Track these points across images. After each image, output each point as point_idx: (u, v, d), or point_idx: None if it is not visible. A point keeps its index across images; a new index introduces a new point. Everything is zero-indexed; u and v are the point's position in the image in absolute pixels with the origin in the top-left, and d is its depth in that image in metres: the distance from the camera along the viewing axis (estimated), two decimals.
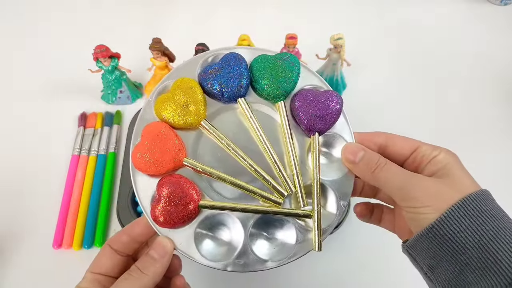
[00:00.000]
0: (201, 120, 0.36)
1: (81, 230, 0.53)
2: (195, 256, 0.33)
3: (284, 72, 0.36)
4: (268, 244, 0.35)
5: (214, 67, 0.36)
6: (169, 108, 0.35)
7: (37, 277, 0.51)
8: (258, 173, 0.35)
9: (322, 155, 0.37)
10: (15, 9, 0.80)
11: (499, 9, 0.81)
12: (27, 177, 0.59)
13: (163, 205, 0.33)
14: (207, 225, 0.35)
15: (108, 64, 0.59)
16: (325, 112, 0.36)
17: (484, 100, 0.68)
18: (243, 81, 0.36)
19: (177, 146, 0.34)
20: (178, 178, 0.34)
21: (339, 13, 0.80)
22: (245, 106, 0.36)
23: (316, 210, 0.34)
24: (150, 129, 0.35)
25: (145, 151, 0.34)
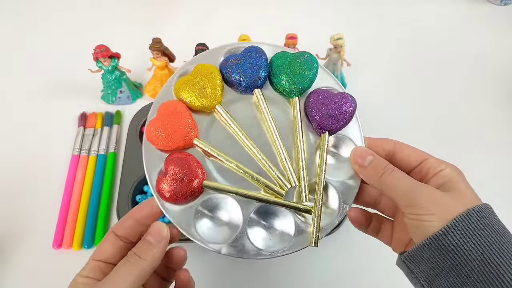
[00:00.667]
0: (217, 104, 0.37)
1: (81, 230, 0.53)
2: (193, 234, 0.34)
3: (302, 69, 0.37)
4: (265, 234, 0.35)
5: (236, 57, 0.38)
6: (187, 90, 0.36)
7: (37, 277, 0.51)
8: (265, 163, 0.36)
9: (330, 156, 0.37)
10: (15, 9, 0.80)
11: (499, 9, 0.81)
12: (27, 177, 0.59)
13: (169, 178, 0.34)
14: (208, 205, 0.35)
15: (108, 64, 0.59)
16: (338, 112, 0.36)
17: (484, 100, 0.68)
18: (261, 73, 0.37)
19: (190, 125, 0.36)
20: (186, 156, 0.35)
21: (339, 13, 0.80)
22: (261, 97, 0.37)
23: (317, 206, 0.35)
24: (166, 106, 0.36)
25: (159, 125, 0.35)
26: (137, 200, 0.55)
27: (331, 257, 0.53)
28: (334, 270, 0.52)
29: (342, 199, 0.36)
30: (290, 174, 0.36)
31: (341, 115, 0.36)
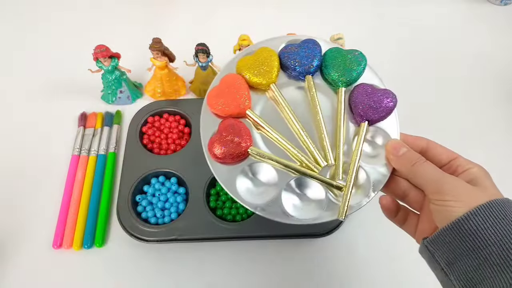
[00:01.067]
0: (271, 83, 0.42)
1: (81, 230, 0.53)
2: (233, 191, 0.38)
3: (352, 64, 0.42)
4: (298, 203, 0.39)
5: (294, 46, 0.43)
6: (248, 67, 0.42)
7: (37, 277, 0.51)
8: (306, 140, 0.40)
9: (366, 144, 0.40)
10: (15, 9, 0.80)
11: (499, 9, 0.81)
12: (27, 177, 0.59)
13: (220, 138, 0.38)
14: (251, 169, 0.39)
15: (108, 64, 0.59)
16: (379, 105, 0.40)
17: (484, 100, 0.68)
18: (315, 62, 0.42)
19: (246, 96, 0.41)
20: (238, 122, 0.40)
21: (339, 13, 0.80)
22: (311, 83, 0.42)
23: (349, 185, 0.38)
24: (228, 78, 0.42)
25: (219, 93, 0.41)
26: (137, 200, 0.55)
27: (331, 256, 0.53)
28: (333, 269, 0.52)
29: (372, 184, 0.39)
30: (328, 153, 0.39)
31: (382, 108, 0.40)
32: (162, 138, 0.61)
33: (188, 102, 0.64)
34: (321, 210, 0.38)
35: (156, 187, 0.56)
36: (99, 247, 0.53)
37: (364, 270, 0.52)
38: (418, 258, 0.54)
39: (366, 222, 0.56)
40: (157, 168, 0.57)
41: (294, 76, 0.43)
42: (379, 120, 0.41)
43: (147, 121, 0.62)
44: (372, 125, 0.41)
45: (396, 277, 0.52)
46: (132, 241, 0.52)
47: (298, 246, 0.54)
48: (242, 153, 0.39)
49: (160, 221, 0.54)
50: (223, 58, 0.61)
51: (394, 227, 0.56)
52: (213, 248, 0.53)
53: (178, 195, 0.56)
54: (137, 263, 0.53)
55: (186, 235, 0.52)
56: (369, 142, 0.41)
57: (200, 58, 0.59)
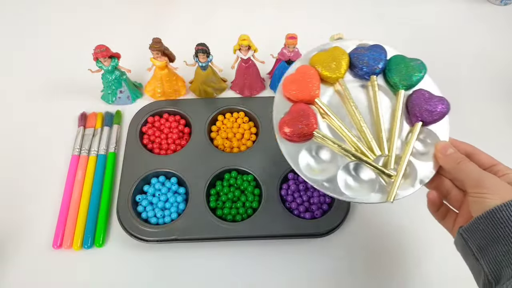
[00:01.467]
0: (339, 78, 0.47)
1: (81, 230, 0.53)
2: (296, 165, 0.44)
3: (413, 70, 0.47)
4: (351, 183, 0.44)
5: (364, 48, 0.48)
6: (320, 61, 0.47)
7: (38, 277, 0.51)
8: (365, 131, 0.44)
9: (418, 142, 0.45)
10: (15, 9, 0.80)
11: (499, 9, 0.81)
12: (27, 177, 0.59)
13: (290, 118, 0.44)
14: (314, 148, 0.45)
15: (108, 64, 0.59)
16: (434, 109, 0.45)
17: (484, 100, 0.68)
18: (380, 65, 0.47)
19: (316, 86, 0.46)
20: (308, 107, 0.45)
21: (339, 13, 0.80)
22: (375, 82, 0.47)
23: (399, 173, 0.43)
24: (303, 68, 0.47)
25: (294, 79, 0.46)
26: (137, 200, 0.55)
27: (331, 256, 0.53)
28: (333, 269, 0.52)
29: (419, 177, 0.43)
30: (383, 144, 0.44)
31: (436, 112, 0.45)
32: (162, 138, 0.61)
33: (188, 102, 0.64)
34: (371, 192, 0.43)
35: (156, 187, 0.56)
36: (99, 247, 0.53)
37: (364, 270, 0.52)
38: (418, 258, 0.55)
39: (366, 222, 0.56)
40: (157, 168, 0.57)
41: (360, 75, 0.48)
42: (432, 123, 0.45)
43: (147, 121, 0.62)
44: (424, 126, 0.45)
45: (396, 277, 0.52)
46: (132, 241, 0.52)
47: (298, 246, 0.54)
48: (308, 134, 0.44)
49: (160, 221, 0.54)
50: (223, 58, 0.62)
51: (394, 227, 0.56)
52: (213, 248, 0.54)
53: (178, 195, 0.56)
54: (137, 263, 0.53)
55: (186, 235, 0.52)
56: (421, 141, 0.45)
57: (200, 58, 0.59)
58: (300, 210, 0.54)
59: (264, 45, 0.60)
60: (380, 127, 0.45)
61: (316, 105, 0.46)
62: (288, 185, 0.56)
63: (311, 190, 0.56)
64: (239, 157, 0.58)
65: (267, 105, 0.63)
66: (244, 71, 0.63)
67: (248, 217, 0.53)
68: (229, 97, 0.66)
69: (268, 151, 0.58)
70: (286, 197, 0.55)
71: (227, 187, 0.56)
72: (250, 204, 0.55)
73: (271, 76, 0.66)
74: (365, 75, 0.48)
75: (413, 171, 0.44)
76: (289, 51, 0.60)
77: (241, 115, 0.63)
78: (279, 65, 0.63)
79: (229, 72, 0.64)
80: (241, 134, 0.61)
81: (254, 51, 0.60)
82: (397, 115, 0.46)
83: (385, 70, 0.48)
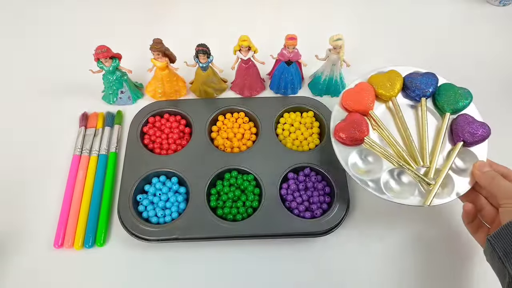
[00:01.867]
0: (392, 97, 0.55)
1: (82, 229, 0.54)
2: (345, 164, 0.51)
3: (460, 97, 0.54)
4: (394, 186, 0.51)
5: (418, 73, 0.56)
6: (377, 81, 0.56)
7: (39, 276, 0.52)
8: (412, 144, 0.52)
9: (458, 159, 0.52)
10: (15, 9, 0.80)
11: (498, 9, 0.81)
12: (29, 177, 0.59)
13: (346, 124, 0.52)
14: (363, 152, 0.52)
15: (109, 64, 0.60)
16: (475, 132, 0.51)
17: (484, 100, 0.68)
18: (431, 89, 0.55)
19: (371, 100, 0.54)
20: (362, 117, 0.53)
21: (339, 14, 0.80)
22: (424, 103, 0.54)
23: (438, 182, 0.49)
24: (362, 84, 0.56)
25: (353, 93, 0.55)
26: (138, 199, 0.55)
27: (331, 255, 0.53)
28: (333, 269, 0.53)
29: (456, 189, 0.49)
30: (426, 156, 0.51)
31: (477, 135, 0.51)
32: (163, 138, 0.61)
33: (188, 102, 0.65)
34: (410, 196, 0.49)
35: (157, 186, 0.56)
36: (100, 246, 0.53)
37: (363, 269, 0.53)
38: (418, 258, 0.55)
39: (366, 222, 0.56)
40: (158, 168, 0.57)
41: (411, 96, 0.56)
42: (473, 144, 0.52)
43: (148, 121, 0.62)
44: (465, 147, 0.52)
45: (396, 276, 0.53)
46: (133, 241, 0.53)
47: (298, 246, 0.54)
48: (359, 139, 0.51)
49: (161, 220, 0.54)
50: (223, 58, 0.62)
51: (394, 227, 0.57)
52: (214, 247, 0.54)
53: (179, 195, 0.56)
54: (138, 262, 0.53)
55: (187, 234, 0.52)
56: (461, 158, 0.52)
57: (200, 59, 0.60)
58: (300, 209, 0.54)
59: (264, 45, 0.61)
60: (425, 142, 0.52)
61: (369, 116, 0.54)
62: (288, 185, 0.56)
63: (311, 190, 0.56)
64: (239, 157, 0.58)
65: (267, 106, 0.64)
66: (244, 71, 0.63)
67: (248, 216, 0.54)
68: (229, 97, 0.67)
69: (268, 151, 0.59)
70: (286, 196, 0.55)
71: (227, 186, 0.56)
72: (250, 203, 0.55)
73: (271, 76, 0.67)
74: (416, 97, 0.55)
75: (450, 183, 0.50)
76: (288, 51, 0.60)
77: (241, 115, 0.63)
78: (278, 66, 0.63)
79: (229, 73, 0.64)
80: (241, 134, 0.61)
81: (254, 51, 0.60)
82: (441, 134, 0.52)
83: (435, 94, 0.55)
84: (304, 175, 0.57)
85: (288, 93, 0.66)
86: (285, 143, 0.61)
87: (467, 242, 0.54)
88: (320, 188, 0.56)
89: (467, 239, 0.52)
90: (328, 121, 0.61)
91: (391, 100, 0.55)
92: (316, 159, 0.58)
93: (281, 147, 0.59)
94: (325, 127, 0.61)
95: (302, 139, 0.61)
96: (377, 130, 0.54)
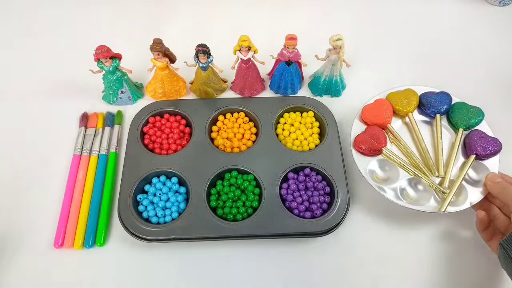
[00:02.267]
0: (409, 112, 0.59)
1: (82, 229, 0.54)
2: (364, 172, 0.54)
3: (473, 114, 0.58)
4: (410, 193, 0.55)
5: (434, 92, 0.61)
6: (395, 98, 0.60)
7: (39, 276, 0.52)
8: (427, 155, 0.56)
9: (471, 170, 0.55)
10: (15, 9, 0.81)
11: (498, 9, 0.81)
12: (29, 177, 0.59)
13: (366, 137, 0.56)
14: (381, 162, 0.56)
15: (109, 64, 0.60)
16: (487, 146, 0.55)
17: (484, 101, 0.68)
18: (445, 107, 0.59)
19: (389, 115, 0.59)
20: (380, 130, 0.57)
21: (339, 14, 0.80)
22: (439, 120, 0.59)
23: (453, 191, 0.53)
24: (381, 100, 0.60)
25: (372, 108, 0.59)
26: (138, 199, 0.55)
27: (330, 256, 0.53)
28: (333, 269, 0.53)
29: (469, 199, 0.52)
30: (441, 167, 0.55)
31: (489, 149, 0.55)
32: (163, 138, 0.61)
33: (188, 102, 0.65)
34: (425, 203, 0.52)
35: (157, 186, 0.56)
36: (100, 246, 0.53)
37: (363, 269, 0.53)
38: (417, 257, 0.55)
39: (366, 222, 0.56)
40: (158, 168, 0.57)
41: (427, 113, 0.60)
42: (485, 158, 0.55)
43: (148, 121, 0.62)
44: (477, 160, 0.55)
45: (396, 276, 0.53)
46: (133, 241, 0.53)
47: (298, 245, 0.54)
48: (378, 149, 0.55)
49: (161, 220, 0.54)
50: (224, 58, 0.62)
51: (393, 227, 0.57)
52: (214, 247, 0.54)
53: (179, 195, 0.56)
54: (138, 262, 0.53)
55: (187, 234, 0.52)
56: (474, 170, 0.55)
57: (200, 59, 0.60)
58: (300, 209, 0.54)
59: (264, 45, 0.61)
60: (440, 154, 0.56)
61: (387, 129, 0.58)
62: (288, 185, 0.56)
63: (311, 190, 0.56)
64: (239, 157, 0.58)
65: (267, 106, 0.64)
66: (244, 71, 0.63)
67: (249, 216, 0.54)
68: (230, 97, 0.67)
69: (268, 151, 0.59)
70: (286, 196, 0.56)
71: (227, 186, 0.56)
72: (250, 203, 0.55)
73: (271, 76, 0.67)
74: (431, 114, 0.59)
75: (464, 193, 0.53)
76: (288, 51, 0.60)
77: (242, 115, 0.63)
78: (279, 66, 0.63)
79: (229, 73, 0.65)
80: (241, 134, 0.61)
81: (254, 52, 0.60)
82: (455, 147, 0.57)
83: (449, 112, 0.60)
84: (304, 175, 0.57)
85: (288, 93, 0.66)
86: (285, 143, 0.61)
87: (467, 243, 0.54)
88: (320, 188, 0.56)
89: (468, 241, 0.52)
90: (328, 121, 0.61)
91: (408, 116, 0.59)
92: (316, 159, 0.58)
93: (281, 147, 0.59)
94: (325, 127, 0.61)
95: (302, 139, 0.61)
96: (394, 142, 0.58)
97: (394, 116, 0.60)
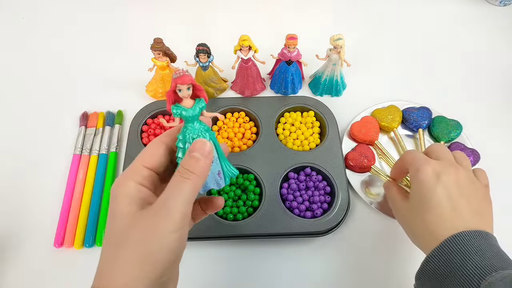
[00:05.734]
0: (394, 128, 0.62)
1: (82, 229, 0.54)
2: (358, 186, 0.57)
3: (453, 128, 0.61)
4: None
5: (415, 108, 0.64)
6: (380, 114, 0.63)
7: (39, 276, 0.52)
8: None
9: None
10: (15, 9, 0.81)
11: (498, 9, 0.81)
12: (29, 176, 0.59)
13: (355, 153, 0.59)
14: (371, 178, 0.59)
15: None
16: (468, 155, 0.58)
17: (484, 101, 0.68)
18: (426, 121, 0.62)
19: (376, 132, 0.61)
20: (368, 148, 0.60)
21: (339, 13, 0.80)
22: (422, 134, 0.62)
23: None
24: (367, 118, 0.63)
25: (361, 125, 0.62)
26: None
27: (330, 256, 0.53)
28: (332, 269, 0.53)
29: None
30: None
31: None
32: None
33: None
34: None
35: None
36: (100, 246, 0.53)
37: (364, 269, 0.53)
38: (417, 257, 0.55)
39: (366, 222, 0.56)
40: None
41: (410, 128, 0.63)
42: None
43: (147, 122, 0.62)
44: None
45: (396, 276, 0.52)
46: None
47: (299, 245, 0.54)
48: (367, 167, 0.58)
49: None
50: (224, 58, 0.62)
51: (393, 227, 0.57)
52: (214, 246, 0.54)
53: None
54: None
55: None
56: None
57: (200, 59, 0.60)
58: (300, 209, 0.54)
59: (265, 45, 0.61)
60: None
61: (375, 145, 0.61)
62: (288, 184, 0.56)
63: (312, 189, 0.56)
64: (240, 157, 0.58)
65: (267, 105, 0.64)
66: (244, 71, 0.63)
67: (249, 216, 0.54)
68: (230, 97, 0.67)
69: (269, 150, 0.59)
70: (287, 196, 0.55)
71: (228, 186, 0.56)
72: (250, 203, 0.55)
73: (272, 76, 0.67)
74: (414, 128, 0.62)
75: None
76: (289, 51, 0.60)
77: (242, 115, 0.63)
78: (279, 65, 0.63)
79: (229, 72, 0.64)
80: (241, 134, 0.61)
81: (255, 51, 0.60)
82: None
83: (430, 126, 0.63)
84: (304, 175, 0.57)
85: (289, 92, 0.66)
86: (286, 142, 0.61)
87: None
88: (320, 187, 0.56)
89: None
90: (329, 121, 0.61)
91: (393, 131, 0.62)
92: (317, 159, 0.58)
93: (282, 147, 0.59)
94: (325, 126, 0.61)
95: (302, 139, 0.61)
96: (383, 158, 0.60)
97: (381, 132, 0.62)
